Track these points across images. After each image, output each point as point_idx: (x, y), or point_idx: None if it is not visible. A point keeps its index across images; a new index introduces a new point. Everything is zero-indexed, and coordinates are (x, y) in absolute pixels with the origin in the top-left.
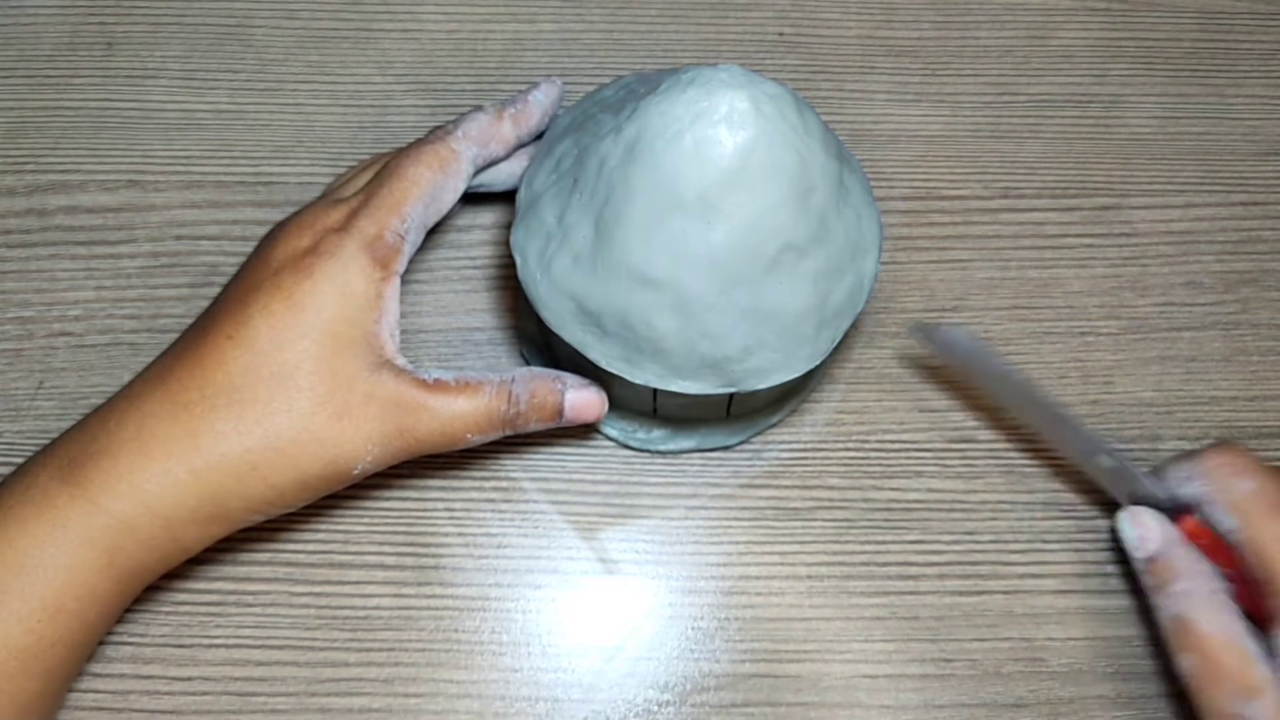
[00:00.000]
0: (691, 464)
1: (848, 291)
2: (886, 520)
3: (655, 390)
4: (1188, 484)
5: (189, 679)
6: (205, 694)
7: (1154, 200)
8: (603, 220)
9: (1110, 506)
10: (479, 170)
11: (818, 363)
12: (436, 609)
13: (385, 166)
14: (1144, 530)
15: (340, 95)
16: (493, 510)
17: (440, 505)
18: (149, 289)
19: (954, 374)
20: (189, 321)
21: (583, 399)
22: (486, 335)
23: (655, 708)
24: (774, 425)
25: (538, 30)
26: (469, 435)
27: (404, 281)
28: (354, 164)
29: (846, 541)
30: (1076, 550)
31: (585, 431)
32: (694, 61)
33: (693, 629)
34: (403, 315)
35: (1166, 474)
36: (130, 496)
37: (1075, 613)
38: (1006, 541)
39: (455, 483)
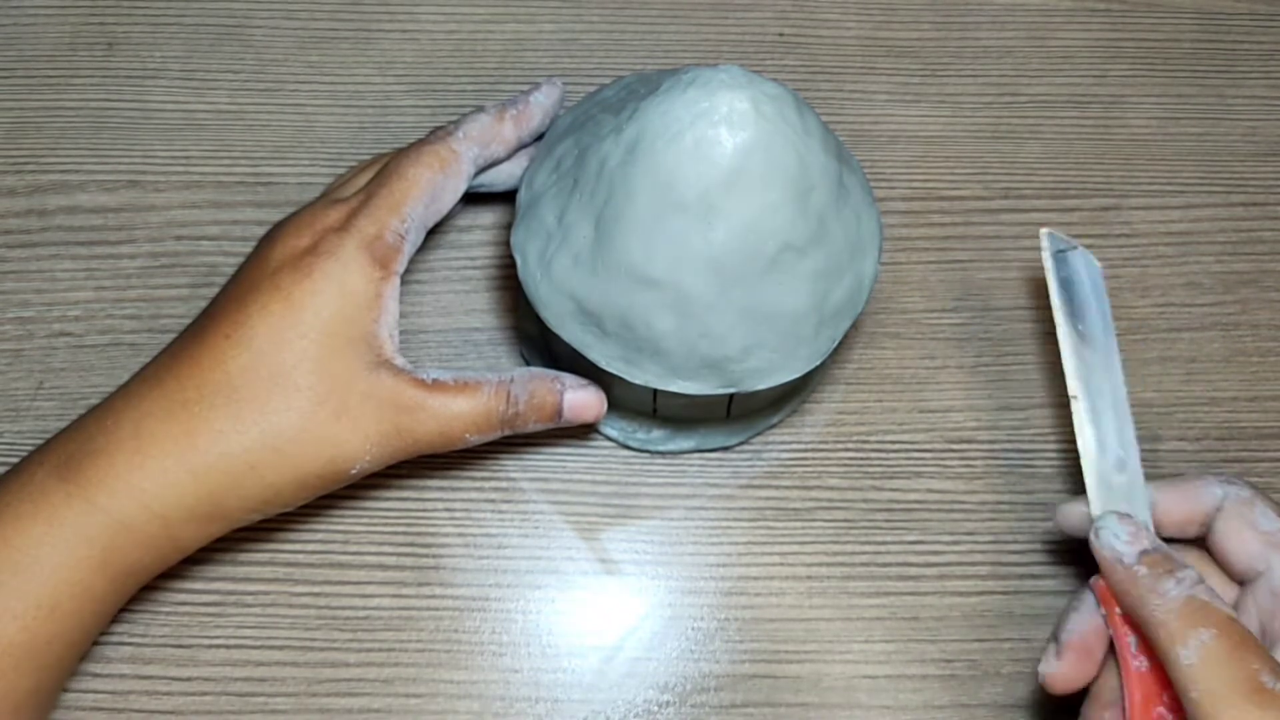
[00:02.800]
0: (691, 464)
1: (847, 291)
2: (886, 520)
3: (655, 390)
4: (1227, 485)
5: (189, 679)
6: (205, 694)
7: (1154, 201)
8: (603, 220)
9: None
10: (479, 171)
11: (817, 363)
12: (436, 609)
13: (385, 166)
14: (1135, 529)
15: (340, 95)
16: (492, 510)
17: (440, 505)
18: (149, 289)
19: (951, 375)
20: (189, 321)
21: (581, 399)
22: (486, 335)
23: (655, 708)
24: (774, 425)
25: (538, 30)
26: (468, 435)
27: (404, 281)
28: (354, 164)
29: (846, 541)
30: (1076, 551)
31: (585, 432)
32: (694, 61)
33: (692, 629)
34: (403, 315)
35: (1190, 480)
36: (128, 495)
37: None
38: (1006, 541)
39: (455, 483)
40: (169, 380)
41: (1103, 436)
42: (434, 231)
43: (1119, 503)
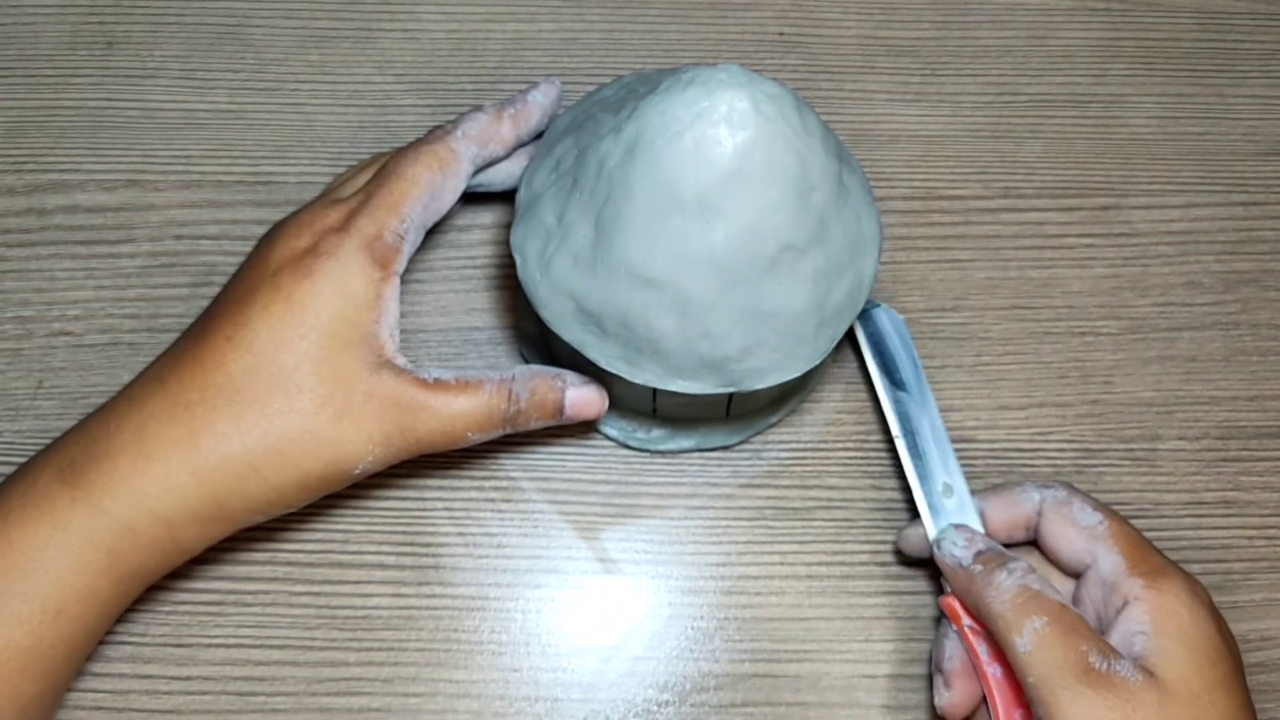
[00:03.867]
0: (691, 464)
1: (847, 291)
2: (886, 520)
3: (655, 390)
4: (1044, 490)
5: (189, 679)
6: (205, 694)
7: (1154, 200)
8: (602, 220)
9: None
10: (478, 170)
11: (817, 363)
12: (436, 609)
13: (384, 166)
14: (969, 534)
15: (340, 95)
16: (492, 510)
17: (440, 505)
18: (149, 289)
19: (951, 374)
20: (189, 321)
21: (583, 396)
22: (486, 335)
23: (655, 707)
24: (774, 425)
25: (538, 30)
26: (469, 434)
27: (404, 281)
28: (354, 164)
29: (846, 541)
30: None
31: (585, 431)
32: (694, 61)
33: (692, 629)
34: (403, 315)
35: (1012, 488)
36: (131, 498)
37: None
38: None
39: (455, 483)
40: (171, 382)
41: (928, 467)
42: (434, 231)
43: (952, 520)
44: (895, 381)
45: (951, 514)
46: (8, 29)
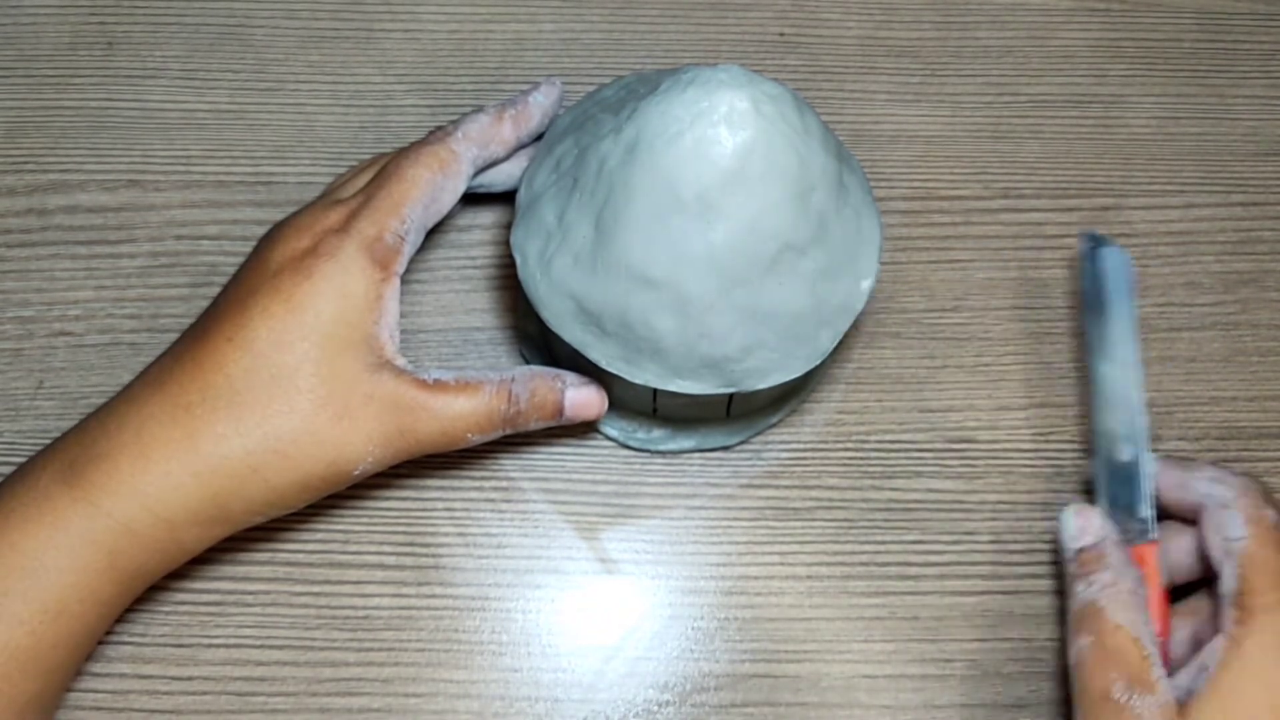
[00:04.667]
0: (691, 464)
1: (847, 291)
2: (886, 520)
3: (655, 390)
4: (1214, 485)
5: (189, 679)
6: (205, 694)
7: (1154, 200)
8: (603, 220)
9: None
10: (479, 171)
11: (817, 363)
12: (436, 609)
13: (384, 167)
14: (1085, 522)
15: (340, 95)
16: (492, 510)
17: (440, 505)
18: (149, 289)
19: (951, 374)
20: (189, 321)
21: (583, 397)
22: (486, 335)
23: (655, 708)
24: (774, 425)
25: (538, 30)
26: (469, 435)
27: (404, 282)
28: (354, 164)
29: (846, 541)
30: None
31: (585, 431)
32: (694, 61)
33: (692, 629)
34: (403, 315)
35: (1192, 470)
36: (131, 499)
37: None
38: (1006, 541)
39: (455, 483)
40: (170, 383)
41: (1110, 419)
42: (434, 231)
43: (1121, 482)
44: (1102, 317)
45: (1122, 479)
46: (8, 29)
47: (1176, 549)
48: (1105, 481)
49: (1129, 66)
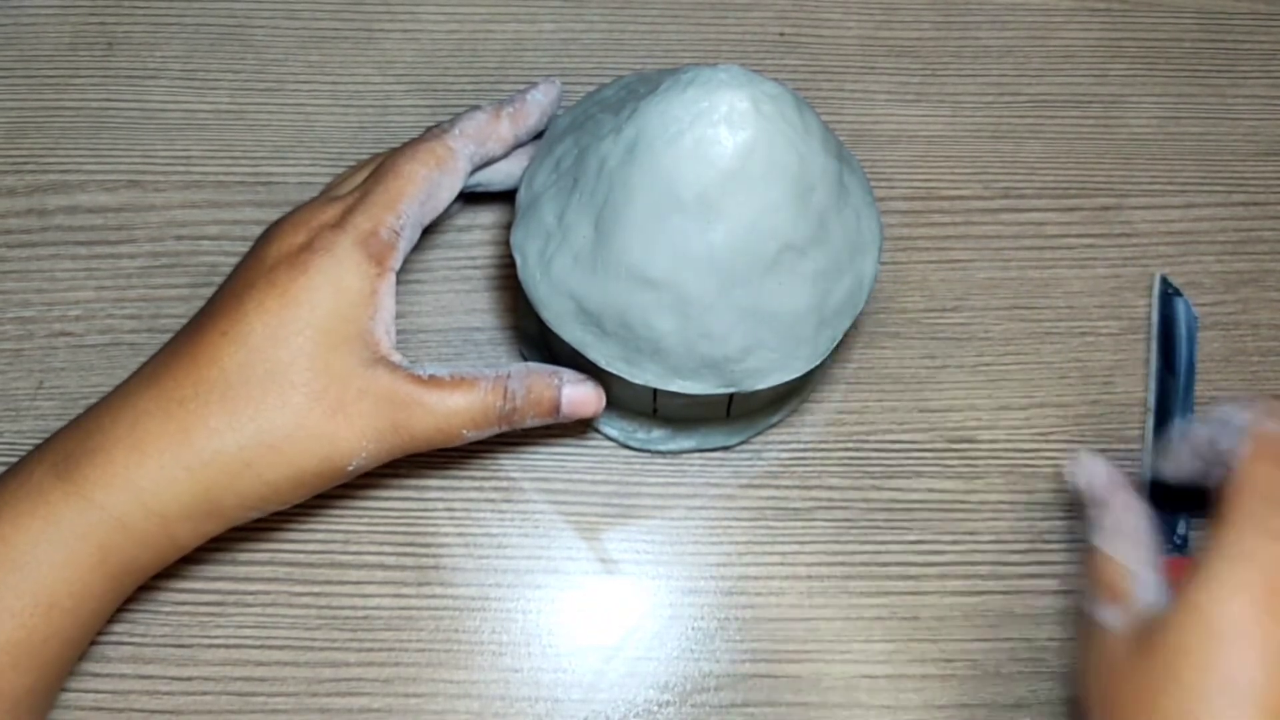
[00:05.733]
0: (691, 464)
1: (847, 291)
2: (886, 520)
3: (655, 390)
4: (1234, 409)
5: (189, 679)
6: (205, 694)
7: (1154, 200)
8: (602, 220)
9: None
10: (476, 169)
11: (817, 363)
12: (436, 609)
13: (381, 164)
14: (1090, 475)
15: (340, 95)
16: (492, 510)
17: (440, 505)
18: (149, 289)
19: (951, 374)
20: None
21: (580, 394)
22: (486, 335)
23: (655, 708)
24: (774, 425)
25: (538, 30)
26: (465, 431)
27: (403, 281)
28: (353, 164)
29: (846, 541)
30: (1076, 550)
31: (585, 431)
32: (694, 61)
33: (693, 629)
34: (402, 314)
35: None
36: (125, 493)
37: (1075, 613)
38: (1006, 541)
39: (455, 483)
40: (166, 378)
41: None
42: (433, 231)
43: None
44: (1166, 364)
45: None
46: (8, 29)
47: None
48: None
49: (1129, 66)
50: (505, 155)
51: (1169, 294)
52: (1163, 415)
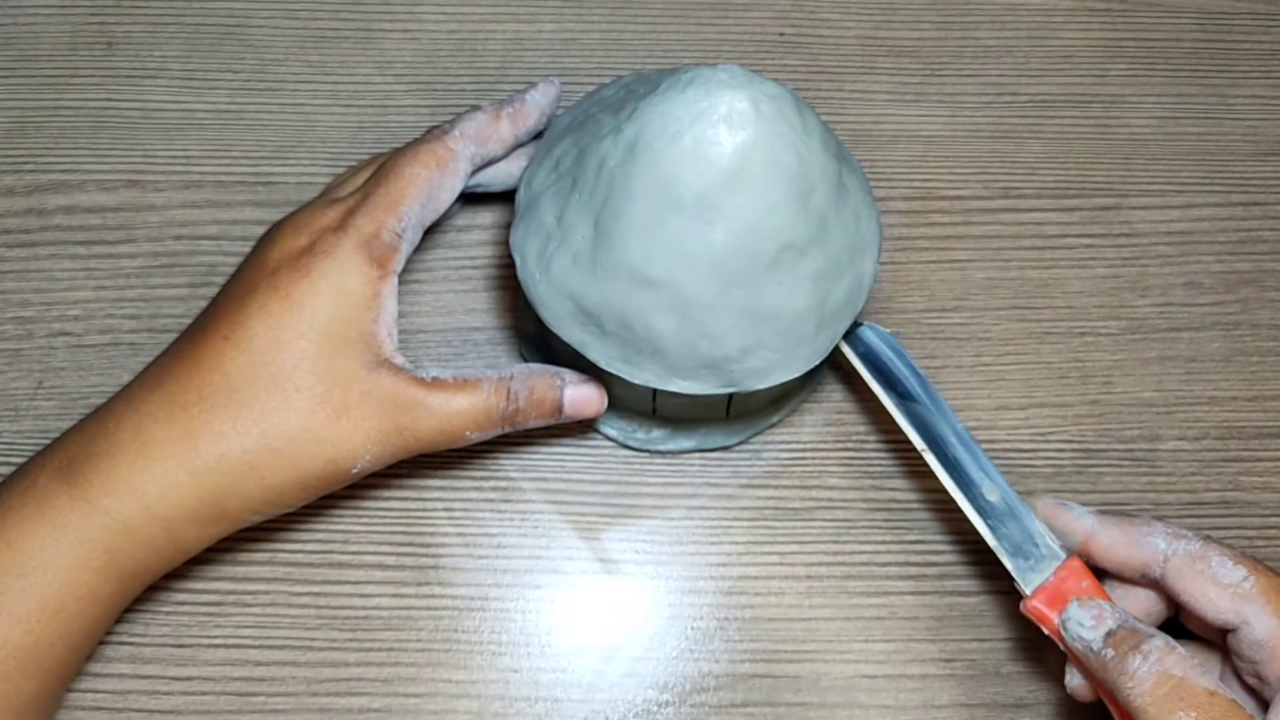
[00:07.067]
0: (691, 464)
1: (847, 291)
2: (886, 520)
3: (655, 390)
4: (1174, 540)
5: (189, 679)
6: (205, 694)
7: (1154, 200)
8: (602, 220)
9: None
10: (477, 170)
11: (817, 363)
12: (436, 609)
13: (382, 166)
14: (1097, 608)
15: (340, 95)
16: (492, 510)
17: (439, 505)
18: (149, 289)
19: (951, 374)
20: (188, 321)
21: (582, 395)
22: (486, 335)
23: (655, 708)
24: (774, 425)
25: (538, 30)
26: (468, 433)
27: (403, 281)
28: (353, 164)
29: (846, 541)
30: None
31: (584, 431)
32: (694, 61)
33: (692, 629)
34: (402, 315)
35: (1139, 526)
36: (129, 497)
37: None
38: None
39: (454, 483)
40: (169, 382)
41: (964, 473)
42: (433, 231)
43: (1007, 522)
44: (901, 395)
45: (1003, 514)
46: (8, 29)
47: (1133, 606)
48: (993, 531)
49: (1129, 66)
50: (505, 156)
51: (851, 333)
52: (940, 448)
